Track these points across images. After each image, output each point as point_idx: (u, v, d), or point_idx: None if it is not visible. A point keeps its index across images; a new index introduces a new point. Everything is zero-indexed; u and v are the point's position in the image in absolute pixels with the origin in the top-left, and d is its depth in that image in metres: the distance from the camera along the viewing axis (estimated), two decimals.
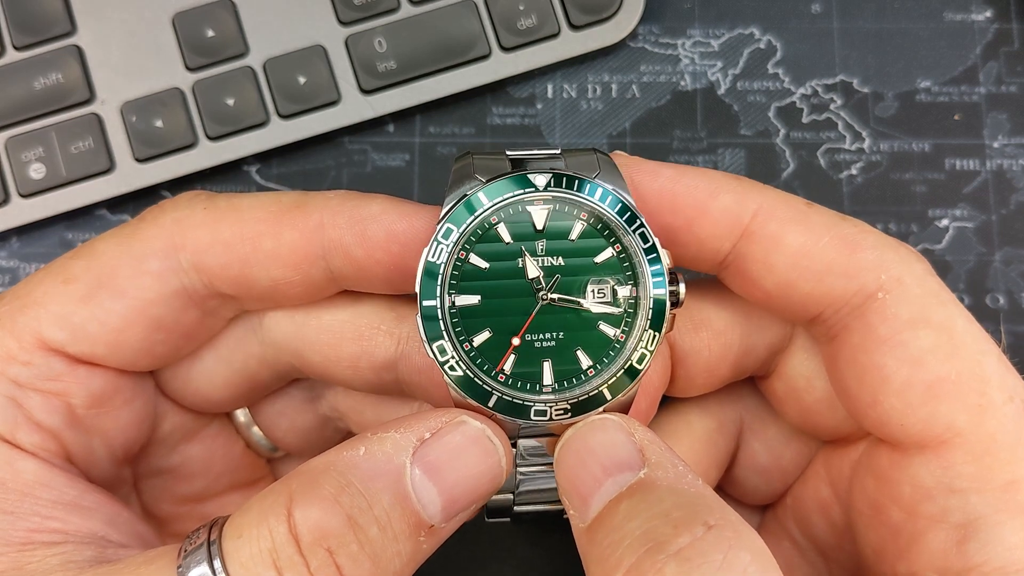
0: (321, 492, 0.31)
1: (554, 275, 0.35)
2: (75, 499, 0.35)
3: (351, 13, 0.51)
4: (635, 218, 0.35)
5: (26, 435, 0.35)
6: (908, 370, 0.35)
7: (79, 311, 0.36)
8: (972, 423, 0.34)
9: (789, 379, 0.40)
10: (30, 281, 0.37)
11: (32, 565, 0.32)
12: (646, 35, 0.53)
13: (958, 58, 0.53)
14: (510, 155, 0.36)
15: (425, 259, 0.34)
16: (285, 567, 0.30)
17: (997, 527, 0.33)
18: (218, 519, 0.32)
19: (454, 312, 0.34)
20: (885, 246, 0.36)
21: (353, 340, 0.39)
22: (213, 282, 0.37)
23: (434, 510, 0.32)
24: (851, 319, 0.36)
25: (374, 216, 0.36)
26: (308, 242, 0.36)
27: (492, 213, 0.34)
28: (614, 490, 0.31)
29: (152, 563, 0.32)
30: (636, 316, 0.35)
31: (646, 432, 0.34)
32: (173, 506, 0.43)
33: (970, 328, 0.35)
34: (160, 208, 0.37)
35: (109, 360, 0.37)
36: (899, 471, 0.36)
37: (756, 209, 0.36)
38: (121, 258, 0.36)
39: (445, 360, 0.34)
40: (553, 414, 0.34)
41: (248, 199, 0.37)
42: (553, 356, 0.35)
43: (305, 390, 0.44)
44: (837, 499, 0.41)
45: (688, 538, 0.29)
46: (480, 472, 0.33)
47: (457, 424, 0.33)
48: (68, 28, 0.51)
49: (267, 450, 0.45)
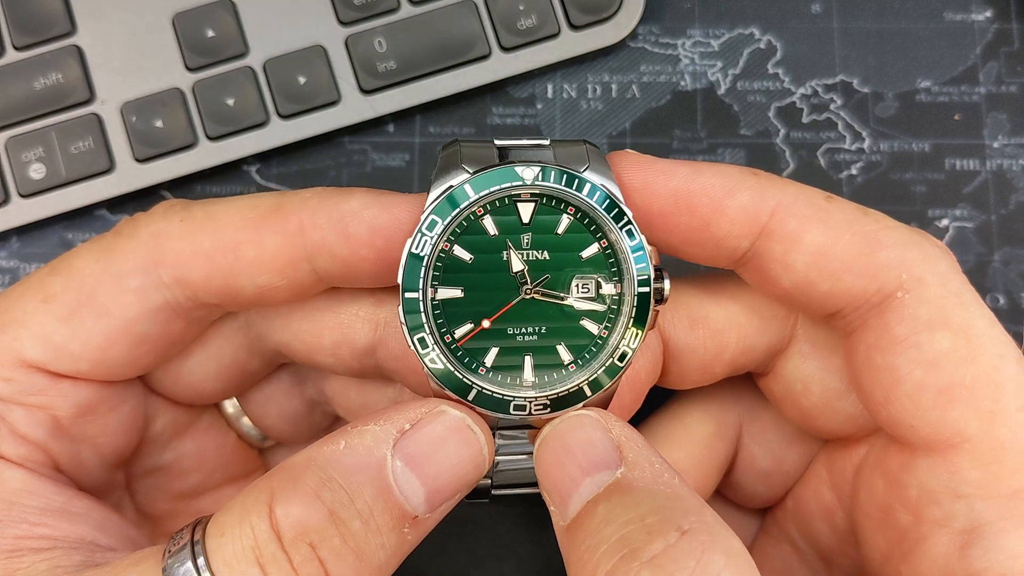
0: (302, 487, 0.31)
1: (539, 269, 0.34)
2: (63, 505, 0.35)
3: (351, 13, 0.51)
4: (622, 214, 0.34)
5: (11, 447, 0.35)
6: (922, 372, 0.34)
7: (60, 330, 0.35)
8: (982, 429, 0.34)
9: (786, 382, 0.40)
10: (7, 298, 0.36)
11: (21, 571, 0.32)
12: (646, 35, 0.53)
13: (958, 58, 0.53)
14: (498, 143, 0.35)
15: (408, 251, 0.34)
16: (268, 563, 0.30)
17: (1001, 534, 0.33)
18: (202, 518, 0.32)
19: (436, 304, 0.34)
20: (908, 243, 0.35)
21: (334, 328, 0.38)
22: (197, 294, 0.36)
23: (417, 501, 0.32)
24: (869, 316, 0.35)
25: (354, 212, 0.35)
26: (290, 246, 0.35)
27: (478, 205, 0.34)
28: (592, 490, 0.31)
29: (138, 564, 0.32)
30: (620, 313, 0.35)
31: (624, 428, 0.33)
32: (168, 503, 0.43)
33: (990, 331, 0.35)
34: (135, 221, 0.37)
35: (93, 375, 0.37)
36: (908, 473, 0.36)
37: (775, 206, 0.35)
38: (101, 275, 0.36)
39: (425, 352, 0.34)
40: (533, 409, 0.34)
41: (224, 206, 0.36)
42: (535, 351, 0.35)
43: (292, 375, 0.44)
44: (839, 502, 0.41)
45: (661, 544, 0.29)
46: (462, 461, 0.33)
47: (437, 414, 0.33)
48: (68, 28, 0.51)
49: (258, 440, 0.45)
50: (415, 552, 0.33)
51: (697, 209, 0.35)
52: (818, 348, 0.39)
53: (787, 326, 0.39)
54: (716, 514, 0.31)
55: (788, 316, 0.39)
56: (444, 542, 0.48)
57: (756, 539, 0.46)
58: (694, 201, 0.35)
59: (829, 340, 0.39)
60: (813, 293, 0.36)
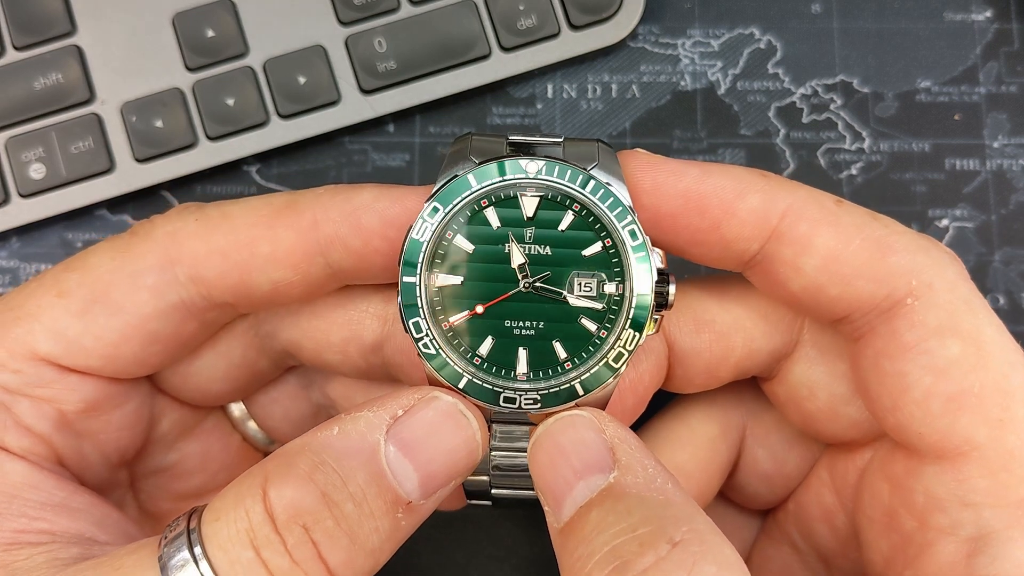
0: (295, 471, 0.31)
1: (540, 264, 0.34)
2: (63, 501, 0.35)
3: (351, 13, 0.51)
4: (627, 213, 0.34)
5: (14, 439, 0.35)
6: (931, 379, 0.34)
7: (74, 325, 0.36)
8: (991, 437, 0.33)
9: (791, 386, 0.40)
10: (22, 292, 0.37)
11: (18, 563, 0.33)
12: (646, 35, 0.53)
13: (958, 58, 0.53)
14: (511, 139, 0.35)
15: (409, 236, 0.34)
16: (262, 546, 0.30)
17: (1008, 543, 0.33)
18: (198, 507, 0.32)
19: (435, 291, 0.34)
20: (917, 249, 0.35)
21: (343, 325, 0.39)
22: (211, 292, 0.36)
23: (411, 487, 0.32)
24: (878, 322, 0.35)
25: (366, 205, 0.35)
26: (304, 240, 0.36)
27: (481, 196, 0.34)
28: (586, 494, 0.31)
29: (134, 553, 0.32)
30: (619, 314, 0.34)
31: (618, 429, 0.33)
32: (171, 504, 0.43)
33: (999, 339, 0.34)
34: (151, 223, 0.37)
35: (103, 371, 0.37)
36: (914, 479, 0.35)
37: (785, 209, 0.35)
38: (116, 272, 0.36)
39: (420, 337, 0.34)
40: (522, 402, 0.34)
41: (239, 206, 0.37)
42: (530, 345, 0.34)
43: (298, 377, 0.44)
44: (841, 505, 0.40)
45: (652, 557, 0.29)
46: (455, 447, 0.33)
47: (429, 400, 0.33)
48: (68, 28, 0.51)
49: (263, 443, 0.45)
50: (414, 552, 0.33)
51: (707, 211, 0.35)
52: (824, 353, 0.39)
53: (793, 330, 0.39)
54: (710, 520, 0.31)
55: (794, 320, 0.39)
56: (443, 542, 0.48)
57: (757, 540, 0.45)
58: (704, 203, 0.35)
59: (835, 345, 0.39)
60: (822, 297, 0.35)
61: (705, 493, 0.42)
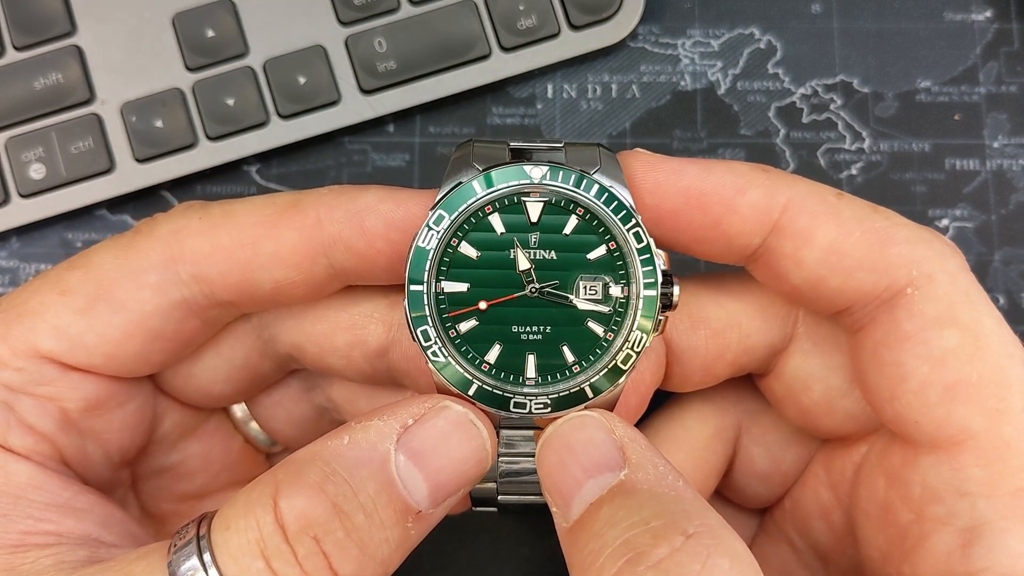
0: (306, 481, 0.31)
1: (546, 269, 0.35)
2: (68, 501, 0.35)
3: (351, 13, 0.51)
4: (630, 216, 0.34)
5: (18, 438, 0.35)
6: (928, 369, 0.34)
7: (76, 323, 0.36)
8: (987, 427, 0.34)
9: (787, 380, 0.40)
10: (25, 290, 0.37)
11: (25, 566, 0.33)
12: (646, 35, 0.53)
13: (958, 58, 0.53)
14: (512, 145, 0.36)
15: (415, 245, 0.34)
16: (273, 556, 0.30)
17: (1003, 533, 0.33)
18: (207, 514, 0.32)
19: (441, 298, 0.34)
20: (918, 240, 0.35)
21: (347, 329, 0.39)
22: (214, 291, 0.36)
23: (420, 496, 0.32)
24: (878, 313, 0.35)
25: (370, 206, 0.35)
26: (308, 240, 0.36)
27: (486, 202, 0.34)
28: (595, 492, 0.31)
29: (143, 559, 0.32)
30: (625, 316, 0.35)
31: (627, 429, 0.33)
32: (173, 504, 0.43)
33: (997, 330, 0.35)
34: (154, 221, 0.37)
35: (105, 369, 0.37)
36: (911, 470, 0.36)
37: (786, 203, 0.35)
38: (119, 270, 0.36)
39: (428, 345, 0.34)
40: (533, 408, 0.34)
41: (243, 204, 0.37)
42: (538, 350, 0.35)
43: (301, 381, 0.44)
44: (837, 502, 0.41)
45: (667, 549, 0.29)
46: (465, 456, 0.33)
47: (440, 409, 0.33)
48: (68, 28, 0.51)
49: (265, 445, 0.45)
50: (416, 554, 0.33)
51: (709, 207, 0.36)
52: (820, 346, 0.39)
53: (788, 324, 0.39)
54: (720, 517, 0.31)
55: (789, 314, 0.39)
56: (445, 545, 0.48)
57: (755, 539, 0.46)
58: (706, 199, 0.36)
59: (831, 337, 0.39)
60: (824, 289, 0.36)
61: (701, 492, 0.42)
